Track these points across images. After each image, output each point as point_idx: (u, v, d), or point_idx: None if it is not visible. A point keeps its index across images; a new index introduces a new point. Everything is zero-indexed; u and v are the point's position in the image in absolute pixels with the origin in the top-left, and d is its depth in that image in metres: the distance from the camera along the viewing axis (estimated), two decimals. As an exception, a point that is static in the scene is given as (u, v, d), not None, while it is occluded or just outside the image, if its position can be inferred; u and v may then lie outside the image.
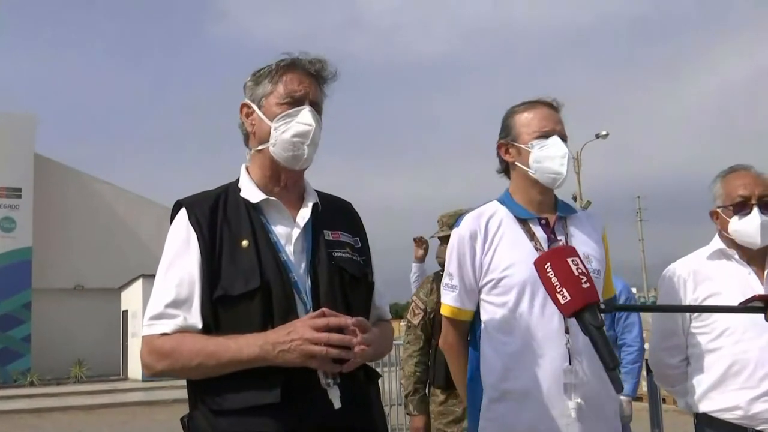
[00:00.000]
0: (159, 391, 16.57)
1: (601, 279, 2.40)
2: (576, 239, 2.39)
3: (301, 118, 1.92)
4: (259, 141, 1.98)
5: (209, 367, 1.75)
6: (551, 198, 2.45)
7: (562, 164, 2.33)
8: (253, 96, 1.99)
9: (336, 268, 1.89)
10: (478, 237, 2.37)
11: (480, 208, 2.46)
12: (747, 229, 2.56)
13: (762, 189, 2.58)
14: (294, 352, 1.69)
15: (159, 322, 1.82)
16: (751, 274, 2.59)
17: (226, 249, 1.85)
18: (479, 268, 2.37)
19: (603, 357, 1.45)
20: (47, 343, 22.05)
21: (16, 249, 22.18)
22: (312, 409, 1.75)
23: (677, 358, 2.72)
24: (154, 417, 13.52)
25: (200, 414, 1.81)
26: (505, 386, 2.28)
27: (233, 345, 1.74)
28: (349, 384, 1.80)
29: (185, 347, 1.78)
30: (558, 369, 2.21)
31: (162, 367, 1.80)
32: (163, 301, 1.83)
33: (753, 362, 2.46)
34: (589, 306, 1.52)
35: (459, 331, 2.47)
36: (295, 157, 1.93)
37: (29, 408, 15.33)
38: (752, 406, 2.45)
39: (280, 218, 1.93)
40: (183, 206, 1.93)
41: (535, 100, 2.46)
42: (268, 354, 1.71)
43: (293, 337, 1.70)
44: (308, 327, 1.70)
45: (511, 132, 2.44)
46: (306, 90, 1.96)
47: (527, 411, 2.23)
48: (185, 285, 1.83)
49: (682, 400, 2.77)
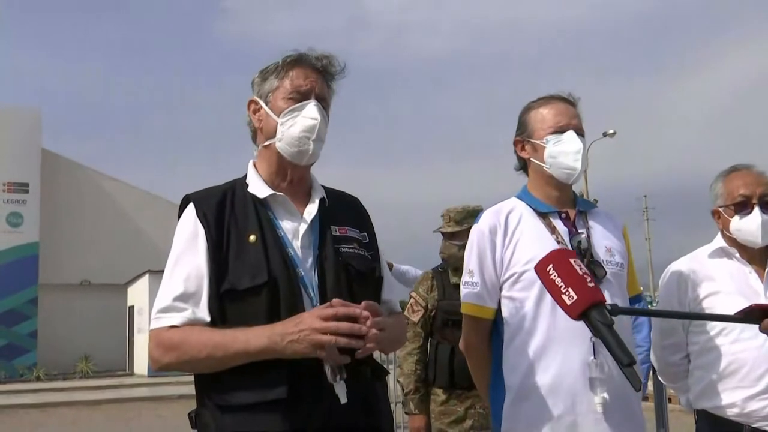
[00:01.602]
0: (165, 386, 16.60)
1: (625, 273, 2.37)
2: (597, 232, 2.36)
3: (306, 112, 1.93)
4: (266, 136, 1.99)
5: (216, 359, 1.75)
6: (569, 194, 2.42)
7: (576, 159, 2.30)
8: (260, 92, 2.00)
9: (343, 264, 1.89)
10: (498, 232, 2.33)
11: (498, 205, 2.43)
12: (748, 229, 2.57)
13: (763, 188, 2.60)
14: (302, 342, 1.68)
15: (167, 315, 1.82)
16: (751, 273, 2.61)
17: (234, 244, 1.86)
18: (500, 264, 2.32)
19: (616, 354, 1.41)
20: (53, 338, 22.10)
21: (23, 244, 22.24)
22: (318, 406, 1.76)
23: (678, 355, 2.74)
24: (159, 413, 13.54)
25: (207, 410, 1.82)
26: (529, 384, 2.21)
27: (241, 336, 1.74)
28: (355, 381, 1.80)
29: (193, 339, 1.78)
30: (583, 363, 2.16)
31: (169, 359, 1.80)
32: (171, 294, 1.84)
33: (749, 361, 2.49)
34: (596, 305, 1.49)
35: (481, 331, 2.40)
36: (300, 153, 1.94)
37: (35, 403, 15.39)
38: (748, 404, 2.48)
39: (286, 213, 1.94)
40: (191, 201, 1.94)
41: (551, 95, 2.43)
42: (276, 345, 1.70)
43: (301, 327, 1.69)
44: (316, 317, 1.69)
45: (527, 128, 2.42)
46: (312, 85, 1.96)
47: (553, 408, 2.17)
48: (193, 279, 1.84)
49: (683, 396, 2.80)
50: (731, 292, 2.56)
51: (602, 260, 2.29)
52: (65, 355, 21.71)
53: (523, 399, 2.22)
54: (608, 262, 2.30)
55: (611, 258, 2.32)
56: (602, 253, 2.31)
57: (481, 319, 2.38)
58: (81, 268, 23.83)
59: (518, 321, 2.26)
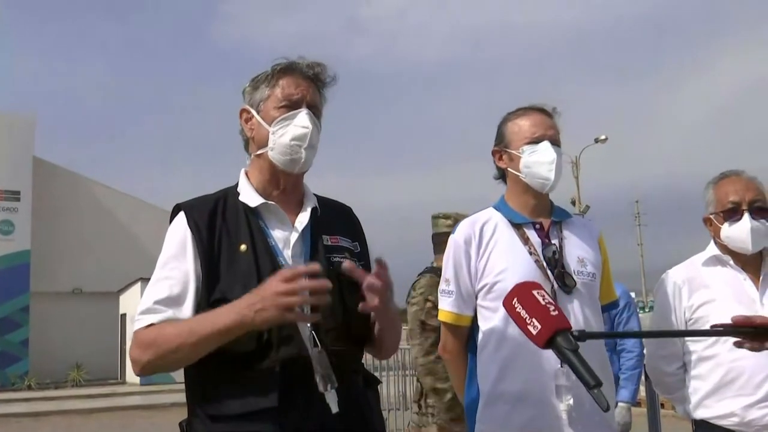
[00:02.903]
0: (157, 395, 16.53)
1: (596, 283, 2.42)
2: (570, 243, 2.41)
3: (298, 121, 1.93)
4: (258, 146, 1.99)
5: (190, 345, 1.74)
6: (546, 203, 2.47)
7: (550, 170, 2.36)
8: (252, 101, 2.00)
9: (334, 273, 1.88)
10: (472, 242, 2.40)
11: (475, 215, 2.50)
12: (738, 235, 2.57)
13: (753, 194, 2.59)
14: (269, 309, 1.67)
15: (146, 316, 1.83)
16: (746, 280, 2.60)
17: (225, 253, 1.86)
18: (474, 273, 2.40)
19: (583, 377, 1.45)
20: (45, 346, 21.97)
21: (15, 252, 22.11)
22: (309, 414, 1.75)
23: (674, 365, 2.73)
24: (152, 421, 13.49)
25: (198, 420, 1.82)
26: (499, 390, 2.30)
27: (209, 317, 1.74)
28: (347, 389, 1.80)
29: (166, 332, 1.77)
30: (551, 371, 2.23)
31: (148, 357, 1.78)
32: (153, 297, 1.84)
33: (748, 370, 2.48)
34: (561, 332, 1.53)
35: (458, 338, 2.48)
36: (293, 161, 1.94)
37: (27, 412, 15.28)
38: (748, 413, 2.47)
39: (278, 222, 1.94)
40: (182, 209, 1.93)
41: (528, 106, 2.50)
42: (245, 317, 1.69)
43: (264, 294, 1.68)
44: (278, 281, 1.68)
45: (504, 139, 2.49)
46: (303, 93, 1.96)
47: (520, 414, 2.26)
48: (177, 284, 1.84)
49: (680, 406, 2.78)
50: (727, 299, 2.55)
51: (573, 270, 2.36)
52: (57, 363, 21.57)
53: (495, 404, 2.32)
54: (579, 272, 2.37)
55: (583, 268, 2.38)
56: (574, 263, 2.37)
57: (458, 326, 2.46)
58: (73, 276, 23.71)
59: (490, 329, 2.34)
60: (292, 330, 1.80)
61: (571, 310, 2.30)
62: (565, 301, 2.30)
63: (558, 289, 2.31)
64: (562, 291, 2.31)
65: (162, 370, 1.84)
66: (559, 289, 2.31)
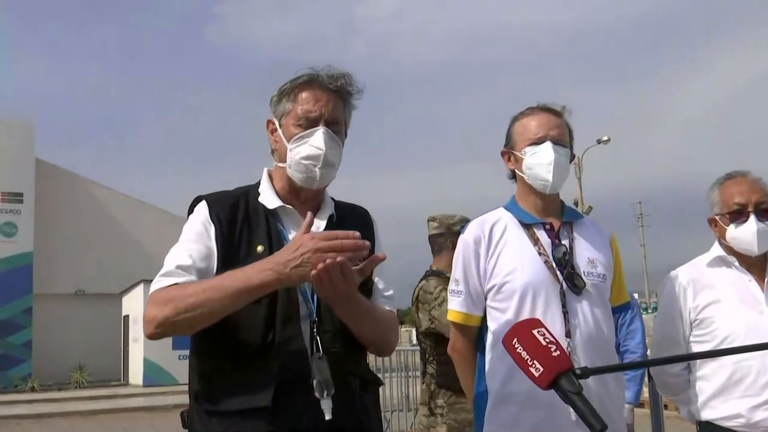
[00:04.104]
0: (160, 396, 16.56)
1: (607, 284, 2.41)
2: (581, 244, 2.40)
3: (313, 141, 1.93)
4: (279, 159, 2.01)
5: (216, 300, 1.70)
6: (556, 203, 2.47)
7: (548, 171, 2.35)
8: (276, 113, 2.01)
9: None
10: (482, 242, 2.39)
11: (485, 215, 2.49)
12: (744, 237, 2.56)
13: (759, 196, 2.58)
14: (306, 265, 1.66)
15: (167, 278, 1.80)
16: (751, 281, 2.59)
17: (243, 251, 1.88)
18: (484, 274, 2.38)
19: (588, 421, 1.43)
20: (48, 348, 22.00)
21: (17, 254, 22.15)
22: (303, 414, 1.76)
23: (678, 366, 2.72)
24: (154, 422, 13.50)
25: (196, 414, 1.85)
26: (507, 390, 2.28)
27: (239, 274, 1.72)
28: (343, 393, 1.80)
29: (189, 289, 1.74)
30: None
31: (165, 313, 1.73)
32: (175, 262, 1.83)
33: (754, 370, 2.47)
34: (564, 374, 1.51)
35: (467, 338, 2.47)
36: (309, 179, 1.95)
37: (30, 413, 15.30)
38: (754, 414, 2.45)
39: (295, 226, 1.94)
40: (204, 200, 1.95)
41: (536, 106, 2.48)
42: (281, 274, 1.68)
43: (302, 251, 1.67)
44: (317, 239, 1.68)
45: (511, 140, 2.49)
46: (321, 110, 1.94)
47: (529, 415, 2.24)
48: (200, 257, 1.84)
49: (684, 408, 2.76)
50: (733, 300, 2.55)
51: (583, 272, 2.34)
52: (60, 365, 21.61)
53: (504, 405, 2.30)
54: (589, 273, 2.35)
55: (593, 269, 2.37)
56: (584, 264, 2.36)
57: (467, 326, 2.45)
58: (75, 277, 23.75)
59: (499, 329, 2.32)
60: (294, 332, 1.82)
61: (581, 311, 2.29)
62: (574, 301, 2.29)
63: (567, 289, 2.30)
64: (572, 292, 2.30)
65: (177, 331, 1.76)
66: (569, 290, 2.30)
